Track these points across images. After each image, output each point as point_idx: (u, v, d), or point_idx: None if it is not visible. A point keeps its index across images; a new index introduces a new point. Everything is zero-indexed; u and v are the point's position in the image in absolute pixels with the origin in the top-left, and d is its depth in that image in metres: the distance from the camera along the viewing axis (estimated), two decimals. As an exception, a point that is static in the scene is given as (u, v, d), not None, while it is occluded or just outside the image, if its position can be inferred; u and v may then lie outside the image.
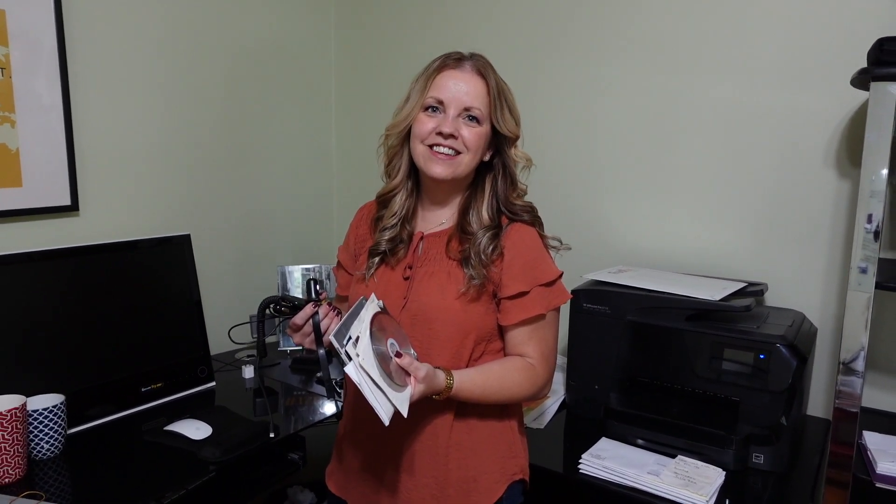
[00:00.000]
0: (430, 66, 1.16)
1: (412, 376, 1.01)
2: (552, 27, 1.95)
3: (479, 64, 1.15)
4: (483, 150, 1.17)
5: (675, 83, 1.77)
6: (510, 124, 1.16)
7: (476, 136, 1.13)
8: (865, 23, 1.50)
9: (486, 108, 1.14)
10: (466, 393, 1.09)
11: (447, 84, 1.13)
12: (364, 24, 2.35)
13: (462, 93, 1.13)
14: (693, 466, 1.35)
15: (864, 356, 1.22)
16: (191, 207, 2.00)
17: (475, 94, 1.13)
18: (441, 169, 1.13)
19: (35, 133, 1.60)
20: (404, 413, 0.97)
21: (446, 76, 1.14)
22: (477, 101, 1.13)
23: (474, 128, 1.14)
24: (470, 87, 1.13)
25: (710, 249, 1.77)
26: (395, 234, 1.20)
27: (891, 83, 1.16)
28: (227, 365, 1.95)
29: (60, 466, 1.34)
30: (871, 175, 1.19)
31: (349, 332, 0.97)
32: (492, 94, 1.14)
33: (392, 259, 1.20)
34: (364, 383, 0.94)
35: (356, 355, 0.94)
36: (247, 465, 1.45)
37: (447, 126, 1.12)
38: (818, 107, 1.59)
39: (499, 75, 1.18)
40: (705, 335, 1.45)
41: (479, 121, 1.14)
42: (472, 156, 1.15)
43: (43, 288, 1.51)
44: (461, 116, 1.13)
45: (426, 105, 1.14)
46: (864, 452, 1.34)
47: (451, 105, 1.13)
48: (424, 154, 1.14)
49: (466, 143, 1.13)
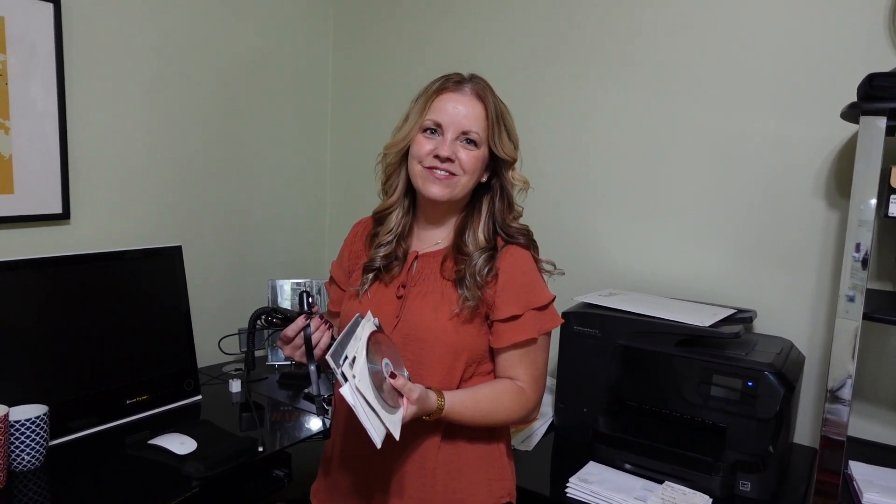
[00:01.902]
0: (429, 87, 1.17)
1: (405, 397, 1.01)
2: (545, 50, 1.97)
3: (478, 87, 1.16)
4: (480, 172, 1.17)
5: (669, 109, 1.80)
6: (508, 148, 1.17)
7: (473, 159, 1.14)
8: (857, 56, 1.53)
9: (484, 131, 1.15)
10: (456, 415, 1.09)
11: (446, 107, 1.14)
12: (362, 39, 2.37)
13: (460, 116, 1.13)
14: (680, 493, 1.35)
15: (851, 384, 1.23)
16: (182, 219, 1.99)
17: (473, 117, 1.14)
18: (438, 189, 1.14)
19: (29, 140, 1.60)
20: (396, 436, 0.96)
21: (445, 99, 1.14)
22: (475, 124, 1.14)
23: (472, 151, 1.14)
24: (468, 110, 1.14)
25: (700, 274, 1.78)
26: (391, 251, 1.20)
27: (880, 118, 1.18)
28: (213, 378, 1.93)
29: (41, 479, 1.32)
30: (859, 204, 1.20)
31: (345, 352, 0.96)
32: (490, 117, 1.15)
33: (386, 276, 1.20)
34: (359, 405, 0.93)
35: (352, 377, 0.93)
36: (231, 481, 1.43)
37: (444, 150, 1.12)
38: (809, 137, 1.62)
39: (498, 98, 1.18)
40: (694, 361, 1.45)
41: (476, 144, 1.14)
42: (469, 178, 1.15)
43: (30, 296, 1.50)
44: (459, 139, 1.14)
45: (424, 127, 1.15)
46: (850, 483, 1.34)
47: (448, 128, 1.13)
48: (422, 174, 1.15)
49: (463, 167, 1.14)
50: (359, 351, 0.97)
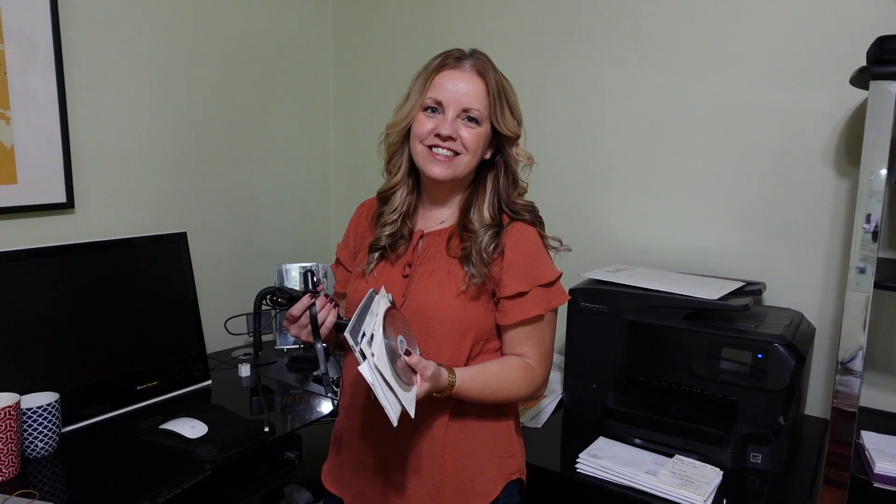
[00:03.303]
0: (429, 64, 1.15)
1: (419, 375, 1.00)
2: (551, 27, 1.94)
3: (479, 63, 1.14)
4: (483, 149, 1.16)
5: (674, 82, 1.77)
6: (510, 124, 1.15)
7: (475, 137, 1.13)
8: (865, 21, 1.49)
9: (486, 108, 1.13)
10: (466, 391, 1.09)
11: (446, 84, 1.12)
12: (363, 21, 2.34)
13: (461, 93, 1.11)
14: (690, 466, 1.35)
15: (863, 356, 1.22)
16: (187, 205, 1.99)
17: (474, 94, 1.12)
18: (440, 170, 1.13)
19: (30, 130, 1.59)
20: (412, 413, 0.96)
21: (445, 76, 1.12)
22: (476, 101, 1.12)
23: (473, 129, 1.12)
24: (469, 87, 1.12)
25: (708, 248, 1.76)
26: (396, 229, 1.20)
27: (890, 82, 1.15)
28: (223, 363, 1.94)
29: (54, 465, 1.34)
30: (869, 175, 1.18)
31: (363, 328, 0.95)
32: (491, 94, 1.13)
33: (392, 255, 1.20)
34: (377, 383, 0.92)
35: (371, 354, 0.93)
36: (243, 464, 1.44)
37: (445, 128, 1.11)
38: (817, 105, 1.59)
39: (500, 73, 1.16)
40: (703, 334, 1.45)
41: (478, 121, 1.13)
42: (472, 157, 1.14)
43: (37, 286, 1.50)
44: (460, 117, 1.12)
45: (425, 105, 1.13)
46: (862, 452, 1.34)
47: (449, 106, 1.12)
48: (423, 154, 1.14)
49: (465, 145, 1.12)
50: (376, 328, 0.96)
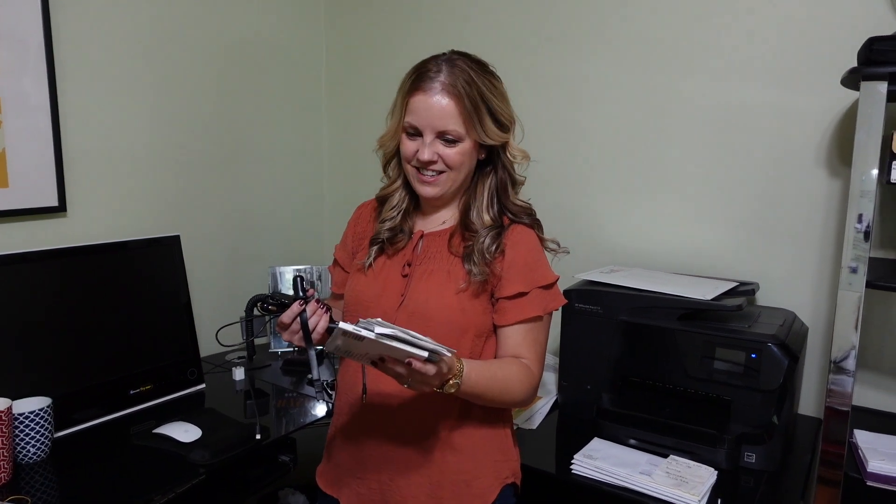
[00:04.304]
0: (404, 82, 1.14)
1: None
2: (543, 26, 1.94)
3: (450, 78, 1.09)
4: (470, 161, 1.15)
5: (667, 83, 1.77)
6: (492, 133, 1.12)
7: (457, 155, 1.12)
8: (855, 22, 1.50)
9: (462, 126, 1.10)
10: (472, 385, 1.05)
11: (419, 109, 1.10)
12: (355, 23, 2.34)
13: (434, 117, 1.09)
14: (685, 466, 1.35)
15: (855, 355, 1.22)
16: (180, 208, 1.98)
17: (448, 115, 1.09)
18: (429, 190, 1.15)
19: (21, 133, 1.58)
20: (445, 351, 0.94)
21: (418, 100, 1.10)
22: (451, 122, 1.09)
23: (453, 148, 1.11)
24: (441, 109, 1.09)
25: (701, 249, 1.77)
26: (396, 224, 1.21)
27: (881, 82, 1.16)
28: (216, 367, 1.93)
29: (47, 471, 1.33)
30: (861, 175, 1.19)
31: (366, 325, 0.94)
32: (465, 109, 1.09)
33: (390, 249, 1.20)
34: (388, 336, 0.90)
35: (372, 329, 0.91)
36: (237, 468, 1.44)
37: (425, 153, 1.11)
38: (809, 106, 1.59)
39: (479, 78, 1.11)
40: (697, 335, 1.45)
41: (457, 140, 1.11)
42: (458, 172, 1.14)
43: (29, 290, 1.49)
44: (439, 139, 1.11)
45: (405, 129, 1.13)
46: (855, 451, 1.35)
47: (425, 130, 1.11)
48: (413, 174, 1.15)
49: (448, 164, 1.12)
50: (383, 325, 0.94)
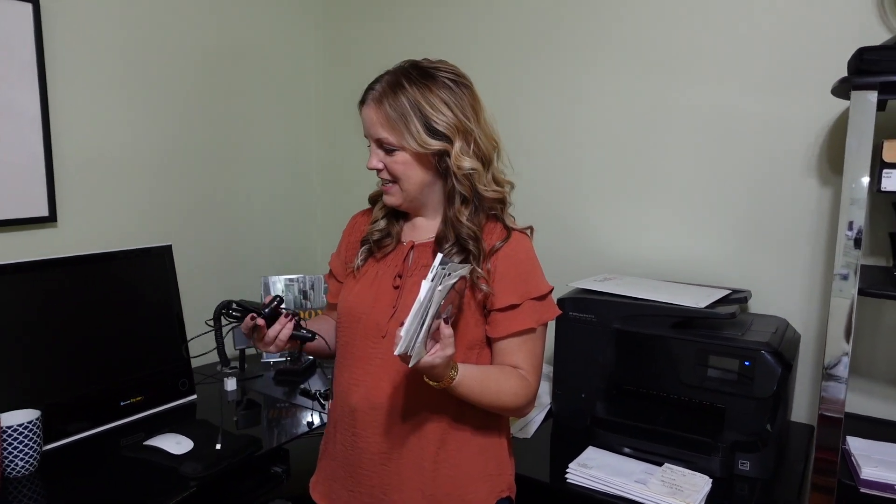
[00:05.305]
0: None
1: (439, 346, 0.99)
2: (535, 33, 1.96)
3: (379, 89, 1.12)
4: (419, 170, 1.13)
5: (659, 91, 1.78)
6: (422, 139, 1.09)
7: (398, 165, 1.12)
8: (845, 32, 1.52)
9: (392, 134, 1.11)
10: (466, 388, 1.05)
11: (363, 120, 1.15)
12: (346, 30, 2.34)
13: (367, 126, 1.14)
14: (680, 474, 1.35)
15: (847, 362, 1.23)
16: (172, 218, 1.97)
17: (378, 124, 1.12)
18: (388, 198, 1.17)
19: (12, 143, 1.57)
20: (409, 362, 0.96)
21: (362, 111, 1.15)
22: (381, 130, 1.12)
23: (392, 157, 1.13)
24: (371, 118, 1.13)
25: (694, 257, 1.78)
26: (384, 226, 1.22)
27: (871, 92, 1.17)
28: (208, 377, 1.92)
29: (35, 484, 1.31)
30: (851, 183, 1.20)
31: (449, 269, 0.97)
32: (389, 119, 1.10)
33: (379, 253, 1.21)
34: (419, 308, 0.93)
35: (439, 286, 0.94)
36: (229, 480, 1.42)
37: (370, 162, 1.15)
38: (800, 115, 1.61)
39: (410, 84, 1.10)
40: (690, 343, 1.45)
41: (394, 148, 1.12)
42: (406, 181, 1.14)
43: (19, 300, 1.48)
44: (380, 148, 1.14)
45: None
46: (848, 458, 1.35)
47: (369, 139, 1.16)
48: (378, 184, 1.19)
49: (392, 173, 1.14)
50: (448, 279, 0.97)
